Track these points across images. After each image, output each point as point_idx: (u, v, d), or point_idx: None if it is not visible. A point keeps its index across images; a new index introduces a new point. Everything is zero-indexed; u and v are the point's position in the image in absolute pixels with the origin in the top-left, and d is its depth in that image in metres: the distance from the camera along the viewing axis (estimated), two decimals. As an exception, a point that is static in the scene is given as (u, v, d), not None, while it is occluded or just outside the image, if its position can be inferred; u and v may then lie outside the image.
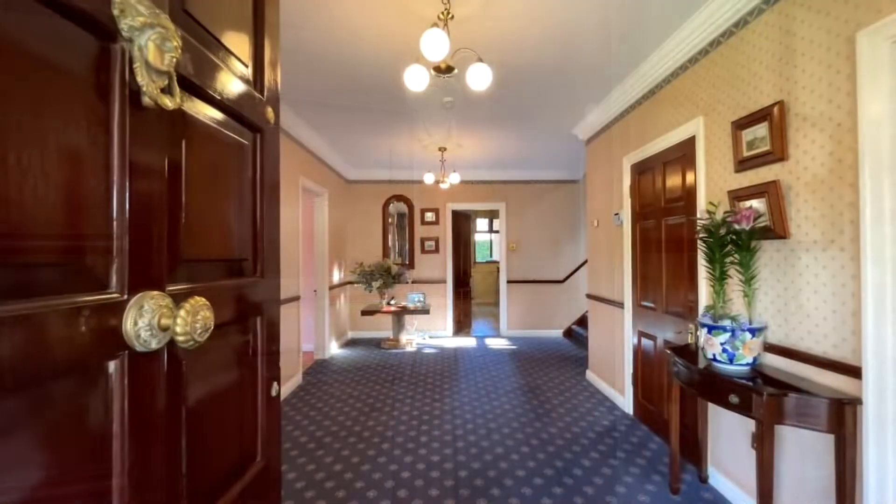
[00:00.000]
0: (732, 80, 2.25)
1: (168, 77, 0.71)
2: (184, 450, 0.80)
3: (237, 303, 1.03)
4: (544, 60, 2.90)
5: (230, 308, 0.99)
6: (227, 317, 0.97)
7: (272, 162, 1.22)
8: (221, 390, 0.97)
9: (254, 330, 1.12)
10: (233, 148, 1.02)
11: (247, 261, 1.10)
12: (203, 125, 0.89)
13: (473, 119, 4.16)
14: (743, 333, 1.86)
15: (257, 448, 1.12)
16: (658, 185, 3.08)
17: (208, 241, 0.92)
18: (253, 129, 1.12)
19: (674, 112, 2.84)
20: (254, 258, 1.13)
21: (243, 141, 1.07)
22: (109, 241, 0.64)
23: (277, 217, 1.25)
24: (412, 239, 6.90)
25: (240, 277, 1.05)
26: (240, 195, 1.07)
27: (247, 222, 1.11)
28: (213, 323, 0.74)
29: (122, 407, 0.65)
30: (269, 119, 1.18)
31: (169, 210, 0.77)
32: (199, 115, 0.88)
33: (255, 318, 1.13)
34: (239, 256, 1.06)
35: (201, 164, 0.89)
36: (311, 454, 2.87)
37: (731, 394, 1.80)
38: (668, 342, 2.96)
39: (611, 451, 2.88)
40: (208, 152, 0.92)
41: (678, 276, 2.84)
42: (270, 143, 1.20)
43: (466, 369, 4.89)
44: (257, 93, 1.13)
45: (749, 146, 2.11)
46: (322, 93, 3.46)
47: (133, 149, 0.67)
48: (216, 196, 0.95)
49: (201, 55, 0.87)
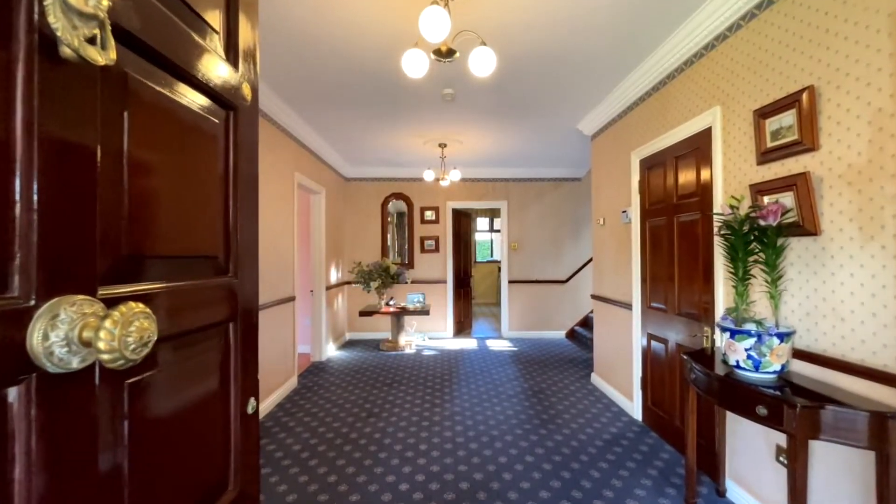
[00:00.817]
0: (754, 65, 2.10)
1: (98, 25, 0.56)
2: (126, 491, 0.65)
3: (204, 307, 0.87)
4: (550, 49, 2.75)
5: (194, 314, 0.84)
6: (190, 324, 0.82)
7: (249, 146, 1.07)
8: (182, 412, 0.82)
9: (226, 338, 0.97)
10: (197, 126, 0.87)
11: (216, 258, 0.95)
12: (155, 94, 0.74)
13: (474, 113, 4.00)
14: (770, 339, 1.71)
15: (229, 475, 0.97)
16: (669, 181, 2.93)
17: (164, 234, 0.77)
18: (225, 106, 0.97)
19: (687, 103, 2.69)
20: (226, 255, 0.98)
21: (212, 119, 0.92)
22: (9, 231, 0.49)
23: (255, 209, 1.10)
24: (411, 238, 6.75)
25: (207, 277, 0.90)
26: (207, 182, 0.92)
27: (217, 214, 0.95)
28: (153, 335, 0.58)
29: (27, 446, 0.49)
30: (244, 96, 1.03)
31: (105, 195, 0.62)
32: (151, 81, 0.73)
33: (228, 324, 0.97)
34: (206, 253, 0.91)
35: (153, 141, 0.74)
36: (303, 464, 2.72)
37: (759, 405, 1.64)
38: (681, 346, 2.81)
39: (620, 460, 2.73)
40: (163, 128, 0.77)
41: (692, 276, 2.68)
42: (247, 124, 1.05)
43: (467, 372, 4.74)
44: (229, 64, 0.98)
45: (773, 136, 1.96)
46: (315, 82, 3.31)
47: (45, 112, 0.51)
48: (174, 181, 0.80)
49: (153, 8, 0.72)
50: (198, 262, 0.88)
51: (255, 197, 1.10)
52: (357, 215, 6.69)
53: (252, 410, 1.04)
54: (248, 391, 1.04)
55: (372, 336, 6.64)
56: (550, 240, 6.72)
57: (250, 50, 1.07)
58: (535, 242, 6.72)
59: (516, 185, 6.73)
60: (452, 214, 6.77)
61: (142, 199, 0.71)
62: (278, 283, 3.91)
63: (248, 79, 1.04)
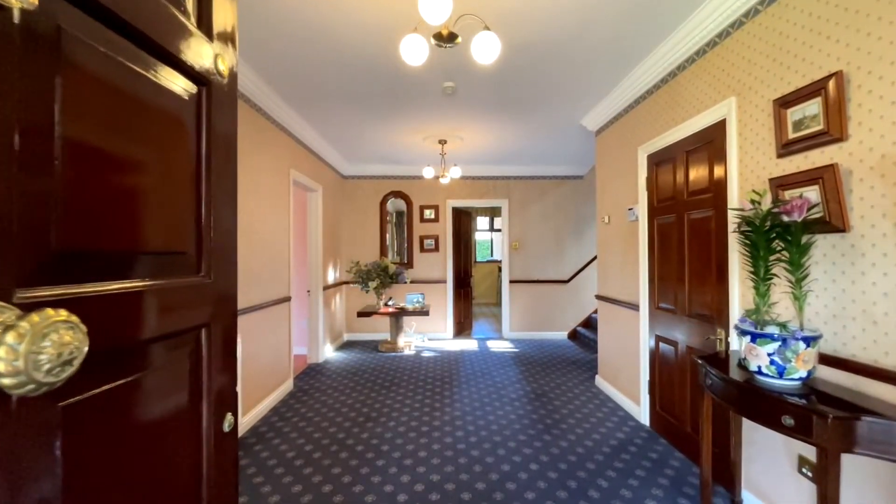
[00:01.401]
0: (774, 52, 1.98)
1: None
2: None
3: (167, 312, 0.75)
4: (554, 38, 2.62)
5: (153, 320, 0.72)
6: (147, 332, 0.70)
7: (226, 129, 0.95)
8: (140, 436, 0.69)
9: (196, 347, 0.85)
10: (158, 101, 0.74)
11: (185, 255, 0.83)
12: (101, 58, 0.61)
13: (475, 108, 3.88)
14: (796, 343, 1.59)
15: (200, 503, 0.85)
16: (680, 177, 2.81)
17: (112, 226, 0.65)
18: (196, 81, 0.84)
19: (699, 94, 2.57)
20: (197, 252, 0.86)
21: (178, 94, 0.80)
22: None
23: (233, 200, 0.98)
24: (411, 237, 6.62)
25: (173, 277, 0.78)
26: (172, 167, 0.79)
27: (186, 204, 0.83)
28: (80, 350, 0.46)
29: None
30: (220, 71, 0.91)
31: (26, 179, 0.50)
32: (95, 42, 0.61)
33: (199, 330, 0.85)
34: (171, 249, 0.79)
35: (98, 116, 0.62)
36: (297, 472, 2.60)
37: (785, 415, 1.52)
38: (692, 348, 2.69)
39: (629, 468, 2.61)
40: (112, 101, 0.65)
41: (703, 276, 2.57)
42: (223, 102, 0.93)
43: (468, 374, 4.62)
44: (201, 33, 0.85)
45: (796, 127, 1.84)
46: (309, 73, 3.19)
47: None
48: (127, 165, 0.68)
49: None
50: (160, 260, 0.75)
51: (233, 187, 0.97)
52: (355, 214, 6.57)
53: (229, 428, 0.92)
54: (224, 406, 0.92)
55: (370, 337, 6.52)
56: (552, 239, 6.60)
57: (227, 20, 0.95)
58: (536, 241, 6.60)
59: (517, 183, 6.61)
60: (452, 213, 6.65)
61: (81, 184, 0.58)
62: (273, 283, 3.79)
63: (224, 52, 0.92)
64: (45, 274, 0.52)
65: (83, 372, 0.50)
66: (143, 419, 0.70)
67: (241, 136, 3.18)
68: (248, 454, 2.83)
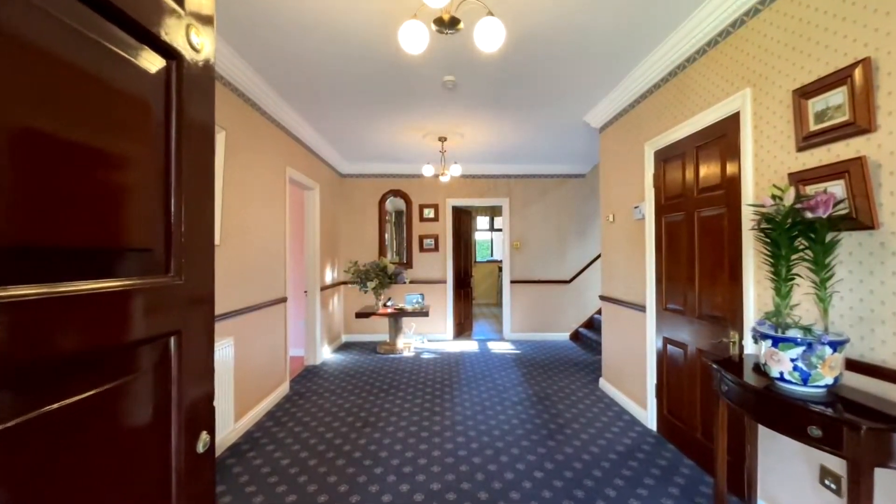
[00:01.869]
0: (793, 40, 1.88)
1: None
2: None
3: (125, 318, 0.65)
4: (558, 28, 2.52)
5: (107, 327, 0.61)
6: (97, 342, 0.60)
7: (202, 110, 0.84)
8: (90, 466, 0.59)
9: (164, 357, 0.74)
10: (113, 72, 0.64)
11: (150, 252, 0.72)
12: (37, 17, 0.51)
13: (476, 104, 3.78)
14: (822, 348, 1.49)
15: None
16: (689, 173, 2.71)
17: (62, 216, 0.55)
18: (163, 53, 0.74)
19: (710, 87, 2.47)
20: (166, 249, 0.75)
21: (142, 66, 0.69)
22: None
23: (210, 192, 0.87)
24: (410, 236, 6.52)
25: (134, 277, 0.67)
26: (133, 152, 0.69)
27: (152, 196, 0.73)
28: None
29: None
30: (193, 45, 0.80)
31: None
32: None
33: (168, 339, 0.75)
34: (131, 245, 0.68)
35: (24, 84, 0.51)
36: (291, 480, 2.49)
37: (812, 425, 1.42)
38: (702, 351, 2.59)
39: (638, 476, 2.51)
40: (58, 69, 0.54)
41: (715, 276, 2.46)
42: (197, 80, 0.82)
43: (468, 376, 4.52)
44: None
45: (818, 118, 1.73)
46: (305, 65, 3.08)
47: None
48: (71, 148, 0.57)
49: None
50: (122, 258, 0.65)
51: (210, 177, 0.87)
52: (353, 213, 6.46)
53: (204, 448, 0.81)
54: (198, 424, 0.81)
55: (369, 338, 6.41)
56: (554, 238, 6.50)
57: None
58: (537, 241, 6.50)
59: (518, 182, 6.51)
60: (452, 212, 6.54)
61: (22, 167, 0.48)
62: (268, 283, 3.68)
63: (198, 24, 0.81)
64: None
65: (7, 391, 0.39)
66: (95, 444, 0.59)
67: (234, 132, 3.07)
68: (241, 461, 2.72)
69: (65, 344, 0.53)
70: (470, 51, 2.70)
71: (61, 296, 0.53)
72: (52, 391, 0.52)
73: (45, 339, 0.51)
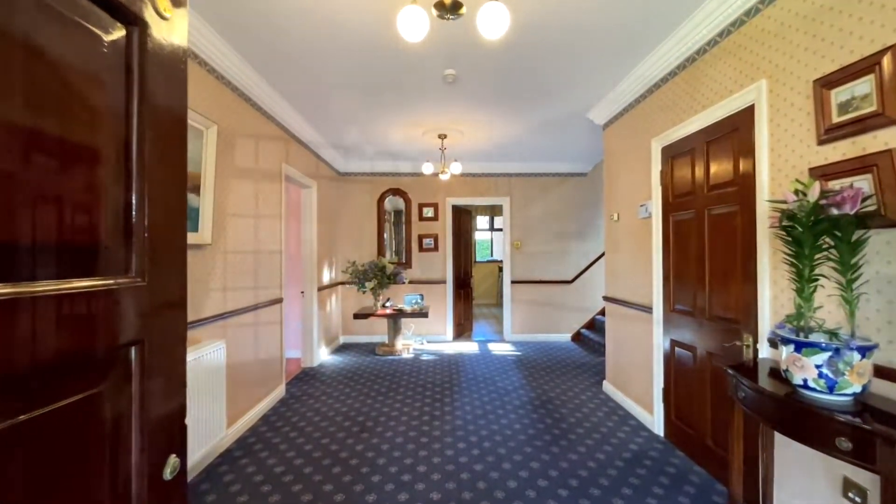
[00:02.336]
0: (814, 28, 1.78)
1: None
2: None
3: (70, 327, 0.54)
4: (562, 20, 2.42)
5: (45, 338, 0.51)
6: (32, 357, 0.50)
7: (170, 88, 0.74)
8: (27, 497, 0.49)
9: (123, 372, 0.64)
10: (62, 42, 0.54)
11: (107, 250, 0.62)
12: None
13: (477, 100, 3.68)
14: (850, 353, 1.39)
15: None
16: (699, 170, 2.61)
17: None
18: (121, 18, 0.64)
19: (722, 79, 2.37)
20: (126, 246, 0.65)
21: (94, 32, 0.59)
22: None
23: (181, 182, 0.77)
24: (409, 236, 6.41)
25: (83, 277, 0.57)
26: (87, 134, 0.59)
27: (108, 185, 0.62)
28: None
29: None
30: (159, 10, 0.70)
31: None
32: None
33: (127, 350, 0.64)
34: (80, 241, 0.58)
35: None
36: (285, 489, 2.39)
37: (840, 437, 1.32)
38: (713, 354, 2.49)
39: (646, 484, 2.41)
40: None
41: (726, 276, 2.37)
42: (165, 55, 0.72)
43: (469, 379, 4.42)
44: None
45: (842, 109, 1.64)
46: (300, 57, 2.98)
47: None
48: (13, 128, 0.47)
49: None
50: (71, 256, 0.55)
51: (180, 167, 0.76)
52: (352, 212, 6.36)
53: (173, 474, 0.71)
54: (165, 446, 0.71)
55: (367, 339, 6.31)
56: (555, 238, 6.40)
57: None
58: (538, 241, 6.40)
59: (519, 181, 6.41)
60: (452, 211, 6.44)
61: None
62: (263, 283, 3.58)
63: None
64: None
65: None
66: (31, 478, 0.49)
67: (227, 126, 2.97)
68: (233, 468, 2.62)
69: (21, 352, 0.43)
70: (471, 42, 2.59)
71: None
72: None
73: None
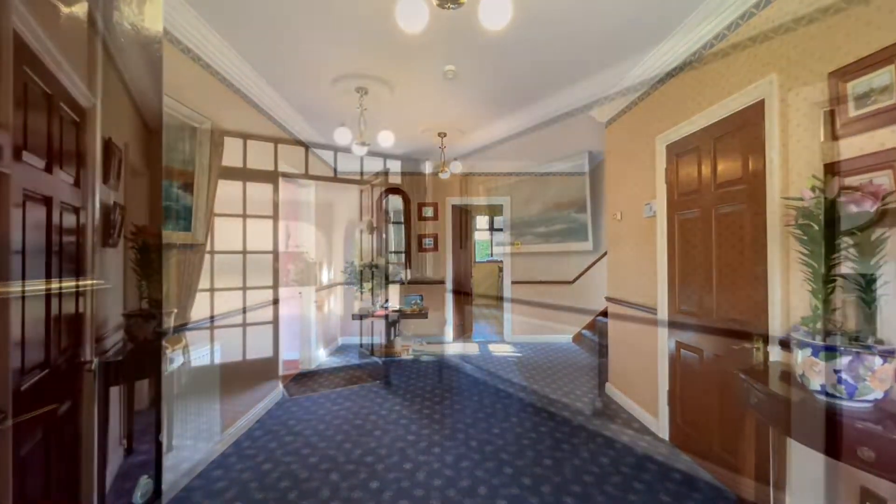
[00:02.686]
0: (827, 17, 1.71)
1: None
2: None
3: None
4: (565, 14, 2.35)
5: None
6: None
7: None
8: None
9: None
10: None
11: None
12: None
13: (477, 96, 3.61)
14: (871, 358, 1.33)
15: None
16: (706, 168, 2.54)
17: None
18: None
19: (729, 74, 2.30)
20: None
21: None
22: None
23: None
24: (409, 236, 6.34)
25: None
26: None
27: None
28: None
29: None
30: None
31: None
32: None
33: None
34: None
35: None
36: (281, 496, 2.31)
37: (862, 446, 1.26)
38: (721, 357, 2.42)
39: (653, 490, 2.34)
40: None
41: (735, 277, 2.30)
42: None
43: (469, 381, 4.35)
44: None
45: (859, 102, 1.57)
46: (295, 50, 2.91)
47: None
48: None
49: None
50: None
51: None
52: (350, 211, 6.28)
53: (144, 498, 0.64)
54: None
55: (366, 341, 6.22)
56: (556, 238, 6.32)
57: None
58: (539, 241, 6.32)
59: (519, 180, 6.34)
60: (452, 211, 6.37)
61: None
62: (258, 284, 3.50)
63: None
64: None
65: None
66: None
67: (222, 124, 2.89)
68: (227, 474, 2.54)
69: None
70: (471, 37, 2.53)
71: None
72: None
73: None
